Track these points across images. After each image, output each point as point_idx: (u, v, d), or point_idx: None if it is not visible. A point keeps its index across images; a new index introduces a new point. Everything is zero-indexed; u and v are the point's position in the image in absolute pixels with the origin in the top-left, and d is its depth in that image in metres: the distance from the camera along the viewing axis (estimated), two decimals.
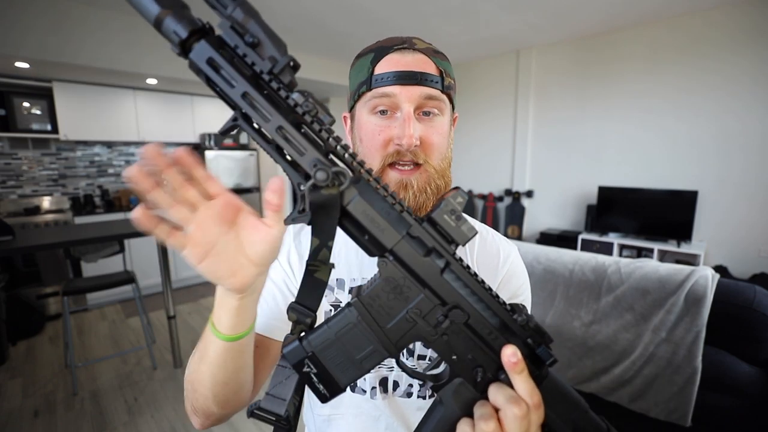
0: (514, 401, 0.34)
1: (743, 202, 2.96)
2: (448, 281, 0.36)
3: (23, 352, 2.71)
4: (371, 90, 0.54)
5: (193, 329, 3.06)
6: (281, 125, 0.31)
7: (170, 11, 0.29)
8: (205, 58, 0.30)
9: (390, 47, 0.55)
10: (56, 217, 3.33)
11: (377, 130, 0.54)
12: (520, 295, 0.64)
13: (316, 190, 0.32)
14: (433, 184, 0.55)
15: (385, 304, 0.36)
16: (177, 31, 0.30)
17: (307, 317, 0.37)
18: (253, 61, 0.30)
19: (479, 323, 0.36)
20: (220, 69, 0.31)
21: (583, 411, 0.38)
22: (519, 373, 0.35)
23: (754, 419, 1.29)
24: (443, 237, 0.35)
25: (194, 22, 0.30)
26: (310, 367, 0.36)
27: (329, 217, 0.33)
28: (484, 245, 0.65)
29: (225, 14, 0.30)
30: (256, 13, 0.30)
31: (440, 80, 0.54)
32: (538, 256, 1.80)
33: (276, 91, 0.31)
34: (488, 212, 4.45)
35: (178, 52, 0.31)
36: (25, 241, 1.97)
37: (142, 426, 1.95)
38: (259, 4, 2.04)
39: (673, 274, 1.45)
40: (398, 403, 0.62)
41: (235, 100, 0.31)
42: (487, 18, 3.17)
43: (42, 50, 2.67)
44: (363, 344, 0.36)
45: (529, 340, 0.37)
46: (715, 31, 2.96)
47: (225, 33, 0.30)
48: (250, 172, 4.40)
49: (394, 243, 0.34)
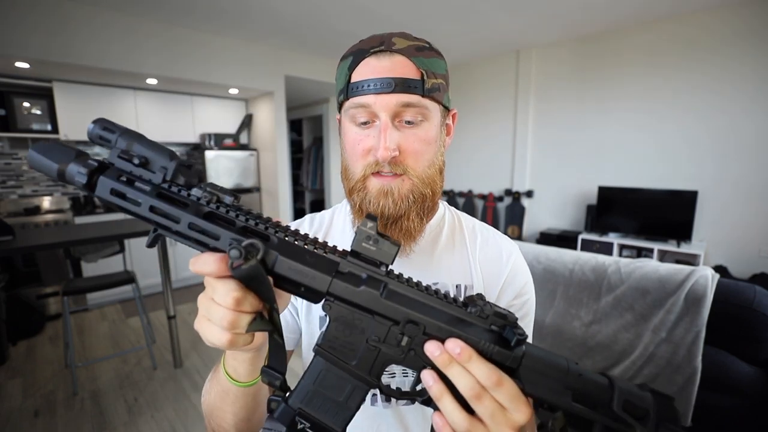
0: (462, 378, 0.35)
1: (743, 201, 2.97)
2: (390, 301, 0.37)
3: (23, 352, 2.71)
4: (348, 99, 0.53)
5: (193, 329, 3.05)
6: (191, 221, 0.34)
7: (68, 163, 0.34)
8: (108, 190, 0.34)
9: (367, 50, 0.52)
10: (56, 217, 3.33)
11: (357, 140, 0.53)
12: (525, 294, 0.63)
13: (237, 269, 0.33)
14: (417, 192, 0.53)
15: (344, 342, 0.37)
16: (78, 178, 0.33)
17: (276, 380, 0.39)
18: (149, 177, 0.34)
19: (436, 329, 0.37)
20: (125, 195, 0.34)
21: (576, 374, 0.38)
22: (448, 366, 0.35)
23: (754, 419, 1.29)
24: (370, 263, 0.37)
25: (90, 164, 0.34)
26: (303, 423, 0.37)
27: (263, 285, 0.35)
28: (486, 245, 0.65)
29: (111, 146, 0.34)
30: (139, 136, 0.34)
31: (420, 84, 0.50)
32: (538, 256, 1.80)
33: (177, 193, 0.34)
34: (488, 212, 4.45)
35: (86, 193, 0.35)
36: (25, 241, 1.97)
37: (142, 426, 1.95)
38: (259, 4, 2.04)
39: (673, 274, 1.45)
40: (402, 412, 0.61)
41: (145, 215, 0.34)
42: (487, 18, 3.17)
43: (44, 51, 2.68)
44: (342, 385, 0.38)
45: (492, 326, 0.38)
46: (714, 33, 2.96)
47: (117, 162, 0.34)
48: (250, 172, 4.40)
49: (328, 285, 0.36)
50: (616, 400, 0.37)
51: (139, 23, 3.06)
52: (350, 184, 0.56)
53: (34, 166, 0.35)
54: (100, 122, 0.34)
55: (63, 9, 2.71)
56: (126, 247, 2.93)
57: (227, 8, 2.91)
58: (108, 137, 0.34)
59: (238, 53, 3.65)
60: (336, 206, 0.72)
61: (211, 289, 0.35)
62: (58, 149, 0.35)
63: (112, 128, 0.34)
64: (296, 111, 5.90)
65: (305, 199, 6.28)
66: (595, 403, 0.37)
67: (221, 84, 3.65)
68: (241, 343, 0.37)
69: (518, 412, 0.35)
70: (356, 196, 0.55)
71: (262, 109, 4.26)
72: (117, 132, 0.34)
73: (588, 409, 0.37)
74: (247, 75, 3.74)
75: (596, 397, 0.37)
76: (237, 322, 0.35)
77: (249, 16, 3.07)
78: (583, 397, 0.37)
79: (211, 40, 3.46)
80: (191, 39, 3.34)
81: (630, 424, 0.36)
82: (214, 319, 0.35)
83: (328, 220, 0.69)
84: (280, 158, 4.15)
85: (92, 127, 0.34)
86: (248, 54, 3.72)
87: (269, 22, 3.22)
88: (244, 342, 0.37)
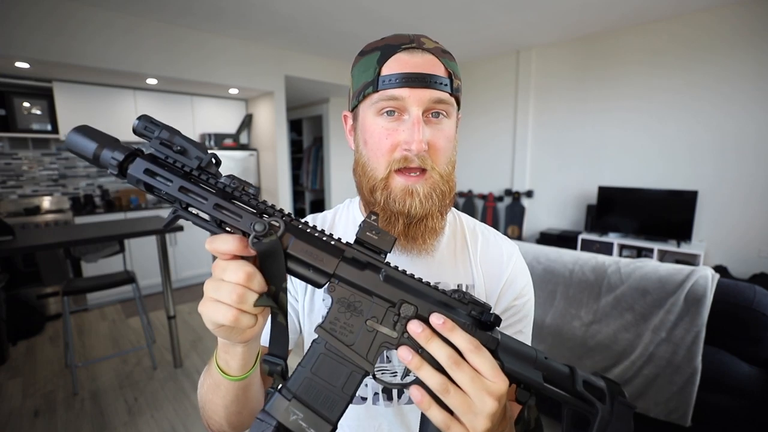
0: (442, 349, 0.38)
1: (743, 201, 2.97)
2: (388, 284, 0.41)
3: (23, 352, 2.71)
4: (378, 92, 0.52)
5: (193, 329, 3.06)
6: (217, 202, 0.38)
7: (105, 146, 0.37)
8: (142, 169, 0.37)
9: (398, 46, 0.52)
10: (56, 217, 3.33)
11: (384, 134, 0.53)
12: (524, 295, 0.63)
13: (259, 242, 0.36)
14: (438, 190, 0.54)
15: (345, 323, 0.40)
16: (114, 156, 0.36)
17: (277, 366, 0.42)
18: (183, 163, 0.37)
19: (427, 310, 0.41)
20: (156, 175, 0.37)
21: (543, 359, 0.43)
22: (429, 340, 0.38)
23: (754, 419, 1.29)
24: (372, 250, 0.41)
25: (127, 148, 0.37)
26: (296, 414, 0.37)
27: (276, 262, 0.38)
28: (487, 246, 0.65)
29: (154, 137, 0.37)
30: (178, 131, 0.38)
31: (449, 82, 0.52)
32: (538, 256, 1.80)
33: (206, 180, 0.38)
34: (488, 212, 4.45)
35: (116, 173, 0.37)
36: (25, 241, 1.97)
37: (142, 426, 1.95)
38: (259, 4, 2.04)
39: (673, 274, 1.45)
40: (404, 411, 0.61)
41: (173, 194, 0.37)
42: (487, 18, 3.17)
43: (44, 51, 2.68)
44: (339, 370, 0.39)
45: (472, 312, 0.42)
46: (714, 33, 2.96)
47: (156, 149, 0.37)
48: (250, 172, 4.40)
49: (335, 267, 0.40)
50: (578, 382, 0.42)
51: (139, 23, 3.06)
52: (371, 183, 0.55)
53: (72, 146, 0.37)
54: (144, 117, 0.37)
55: (63, 9, 2.71)
56: (126, 247, 2.93)
57: (227, 8, 2.91)
58: (152, 129, 0.37)
59: (238, 53, 3.65)
60: (337, 206, 0.72)
61: (221, 270, 0.37)
62: (98, 133, 0.38)
63: (156, 122, 0.37)
64: (296, 111, 5.90)
65: (305, 199, 6.28)
66: (560, 386, 0.43)
67: (221, 84, 3.65)
68: (244, 324, 0.37)
69: (497, 379, 0.38)
70: (379, 194, 0.54)
71: (262, 109, 4.26)
72: (160, 126, 0.37)
73: (557, 390, 0.42)
74: (247, 75, 3.74)
75: (561, 381, 0.43)
76: (245, 297, 0.36)
77: (249, 16, 3.07)
78: (551, 380, 0.42)
79: (211, 40, 3.46)
80: (191, 39, 3.34)
81: (591, 401, 0.42)
82: (222, 296, 0.36)
83: (330, 220, 0.69)
84: (280, 158, 4.15)
85: (137, 122, 0.37)
86: (248, 54, 3.72)
87: (269, 22, 3.22)
88: (247, 323, 0.38)
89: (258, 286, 0.37)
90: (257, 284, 0.37)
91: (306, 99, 5.37)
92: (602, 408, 0.42)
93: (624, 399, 0.43)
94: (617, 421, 0.42)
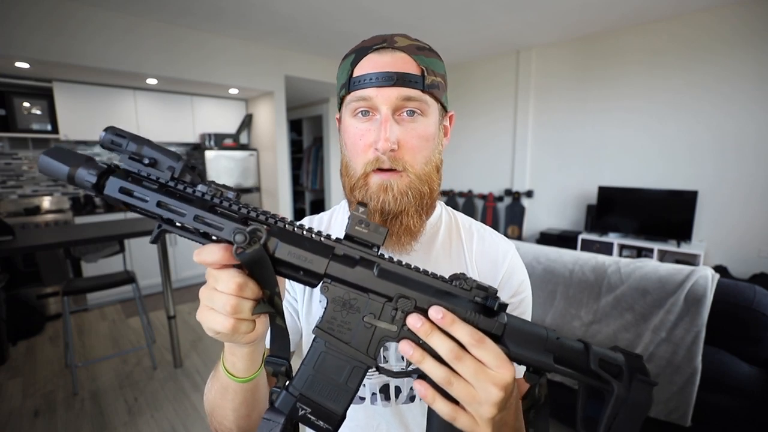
0: (443, 343, 0.37)
1: (743, 202, 2.97)
2: (383, 279, 0.39)
3: (23, 352, 2.71)
4: (350, 93, 0.53)
5: (193, 329, 3.06)
6: (197, 214, 0.37)
7: (78, 166, 0.36)
8: (116, 188, 0.36)
9: (369, 47, 0.53)
10: (56, 217, 3.33)
11: (359, 135, 0.54)
12: (522, 292, 0.63)
13: (243, 253, 0.35)
14: (415, 190, 0.54)
15: (342, 322, 0.40)
16: (88, 178, 0.36)
17: (281, 366, 0.42)
18: (156, 176, 0.37)
19: (426, 302, 0.39)
20: (132, 192, 0.36)
21: (555, 339, 0.41)
22: (429, 334, 0.37)
23: (754, 419, 1.29)
24: (363, 245, 0.39)
25: (100, 167, 0.37)
26: (304, 409, 0.39)
27: (265, 269, 0.37)
28: (482, 244, 0.65)
29: (122, 150, 0.37)
30: (147, 141, 0.37)
31: (421, 79, 0.52)
32: (538, 256, 1.80)
33: (183, 191, 0.37)
34: (488, 212, 4.45)
35: (94, 194, 0.36)
36: (25, 241, 1.97)
37: (142, 426, 1.95)
38: (259, 4, 2.04)
39: (673, 274, 1.45)
40: (401, 410, 0.61)
41: (152, 210, 0.37)
42: (487, 18, 3.17)
43: (44, 51, 2.68)
44: (341, 367, 0.40)
45: (476, 298, 0.40)
46: (714, 33, 2.96)
47: (126, 164, 0.37)
48: (250, 172, 4.40)
49: (325, 267, 0.38)
50: (592, 360, 0.40)
51: (139, 23, 3.06)
52: (351, 182, 0.56)
53: (45, 170, 0.37)
54: (111, 129, 0.37)
55: (63, 9, 2.71)
56: (126, 247, 2.93)
57: (227, 8, 2.91)
58: (119, 142, 0.36)
59: (238, 53, 3.65)
60: (334, 207, 0.72)
61: (213, 279, 0.37)
62: (69, 154, 0.37)
63: (123, 134, 0.37)
64: (296, 111, 5.90)
65: (305, 199, 6.28)
66: (573, 365, 0.40)
67: (221, 84, 3.65)
68: (243, 330, 0.38)
69: (502, 369, 0.37)
70: (357, 192, 0.55)
71: (262, 109, 4.26)
72: (127, 137, 0.37)
73: (569, 369, 0.40)
74: (247, 75, 3.74)
75: (574, 359, 0.41)
76: (239, 306, 0.36)
77: (249, 16, 3.07)
78: (563, 360, 0.40)
79: (211, 40, 3.46)
80: (191, 39, 3.34)
81: (607, 380, 0.40)
82: (216, 307, 0.37)
83: (326, 221, 0.70)
84: (280, 158, 4.15)
85: (104, 134, 0.36)
86: (248, 54, 3.72)
87: (269, 22, 3.22)
88: (246, 329, 0.38)
89: (251, 293, 0.37)
90: (250, 292, 0.37)
91: (306, 99, 5.37)
92: (618, 386, 0.40)
93: (643, 376, 0.40)
94: (634, 399, 0.39)
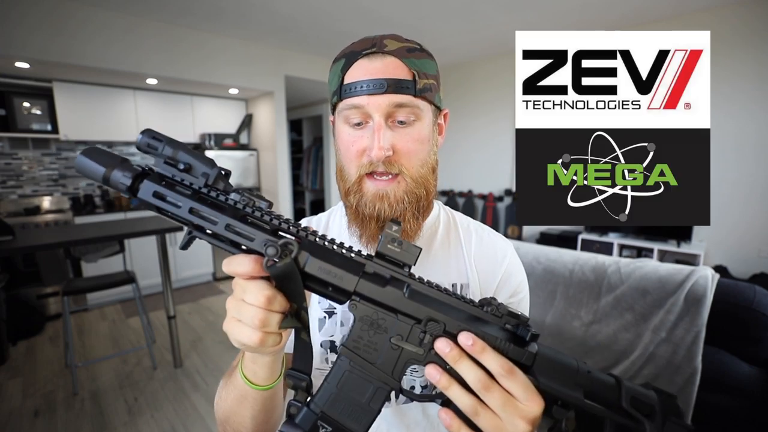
0: (472, 371, 0.36)
1: (743, 201, 2.96)
2: (413, 300, 0.38)
3: (23, 352, 2.71)
4: (342, 100, 0.53)
5: (193, 329, 3.06)
6: (228, 223, 0.36)
7: (113, 168, 0.36)
8: (150, 192, 0.36)
9: (359, 52, 0.53)
10: (56, 217, 3.33)
11: (351, 141, 0.54)
12: (520, 292, 0.64)
13: (273, 266, 0.35)
14: (412, 194, 0.54)
15: (368, 341, 0.39)
16: (123, 180, 0.36)
17: (302, 381, 0.40)
18: (190, 182, 0.37)
19: (456, 326, 0.38)
20: (165, 197, 0.36)
21: (586, 372, 0.39)
22: (458, 361, 0.36)
23: (754, 419, 1.29)
24: (394, 264, 0.39)
25: (135, 169, 0.37)
26: (325, 428, 0.38)
27: (294, 283, 0.37)
28: (481, 244, 0.65)
29: (158, 154, 0.36)
30: (182, 145, 0.37)
31: (412, 84, 0.51)
32: (538, 256, 1.80)
33: (215, 198, 0.37)
34: (488, 212, 4.45)
35: (128, 197, 0.37)
36: (25, 241, 1.97)
37: (142, 426, 1.95)
38: (259, 4, 2.04)
39: (673, 274, 1.45)
40: (402, 411, 0.61)
41: (184, 216, 0.36)
42: (487, 18, 3.17)
43: (44, 51, 2.68)
44: (364, 387, 0.39)
45: (507, 325, 0.39)
46: (713, 33, 2.93)
47: (161, 168, 0.37)
48: (250, 172, 4.40)
49: (355, 284, 0.38)
50: (624, 397, 0.38)
51: (139, 23, 3.06)
52: (346, 186, 0.56)
53: (81, 170, 0.37)
54: (147, 132, 0.37)
55: (63, 9, 2.71)
56: (126, 247, 2.92)
57: (227, 8, 2.91)
58: (155, 145, 0.36)
59: (238, 53, 3.65)
60: (332, 208, 0.72)
61: (241, 290, 0.37)
62: (105, 155, 0.37)
63: (159, 137, 0.37)
64: (296, 111, 5.90)
65: (305, 199, 6.28)
66: (604, 401, 0.38)
67: (221, 84, 3.65)
68: (270, 343, 0.37)
69: (530, 402, 0.35)
70: (352, 197, 0.55)
71: (262, 109, 4.26)
72: (163, 141, 0.37)
73: (600, 406, 0.38)
74: (247, 75, 3.74)
75: (605, 395, 0.38)
76: (267, 320, 0.36)
77: (249, 16, 3.07)
78: (593, 395, 0.38)
79: (211, 40, 3.46)
80: (191, 39, 3.34)
81: (639, 420, 0.37)
82: (244, 319, 0.36)
83: (324, 223, 0.70)
84: (280, 158, 4.15)
85: (141, 137, 0.36)
86: (248, 54, 3.72)
87: (269, 22, 3.21)
88: (274, 342, 0.38)
89: (279, 306, 0.37)
90: (278, 305, 0.37)
91: (306, 99, 5.37)
92: (650, 427, 0.38)
93: (677, 419, 0.38)
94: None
